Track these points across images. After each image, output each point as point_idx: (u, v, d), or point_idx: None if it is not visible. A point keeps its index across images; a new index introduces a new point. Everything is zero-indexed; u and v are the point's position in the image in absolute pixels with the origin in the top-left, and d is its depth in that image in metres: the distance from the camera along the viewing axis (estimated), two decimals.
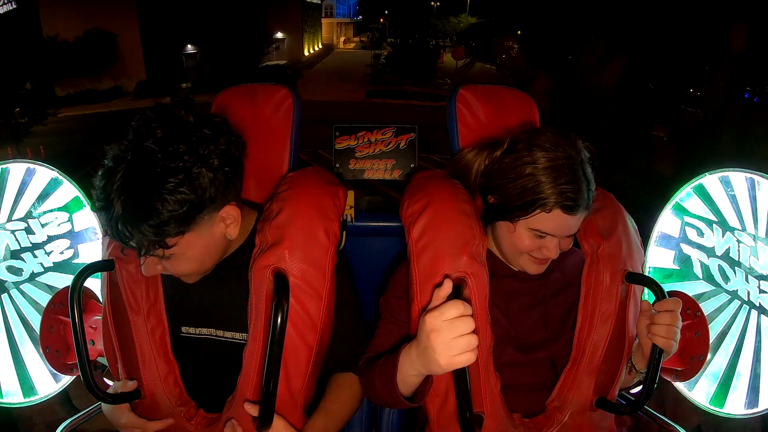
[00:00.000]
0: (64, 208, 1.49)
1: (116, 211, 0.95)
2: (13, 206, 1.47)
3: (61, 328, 1.35)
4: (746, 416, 1.38)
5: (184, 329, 1.20)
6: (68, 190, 1.49)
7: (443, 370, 0.96)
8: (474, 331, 0.94)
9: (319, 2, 41.71)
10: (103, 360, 1.28)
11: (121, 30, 21.60)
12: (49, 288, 1.48)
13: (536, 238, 1.13)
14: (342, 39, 47.95)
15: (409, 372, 1.05)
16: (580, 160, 1.10)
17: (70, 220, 1.49)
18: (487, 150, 1.21)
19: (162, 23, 21.84)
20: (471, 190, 1.24)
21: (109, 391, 1.17)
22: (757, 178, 1.37)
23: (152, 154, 0.96)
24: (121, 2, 22.12)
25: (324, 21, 43.91)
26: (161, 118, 1.00)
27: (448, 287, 0.98)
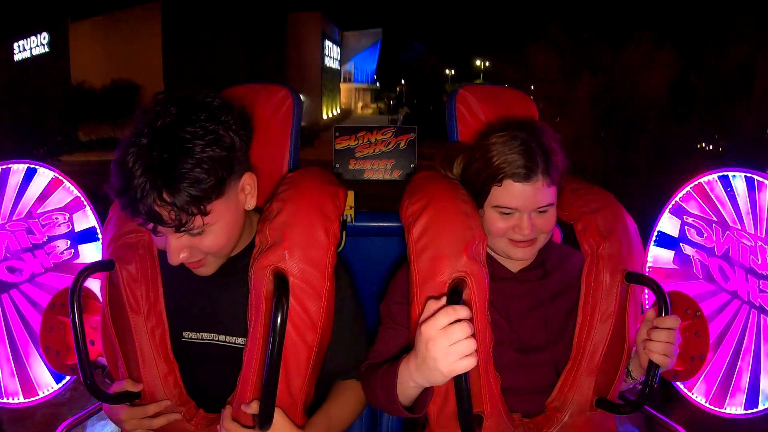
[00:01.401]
0: (65, 209, 1.49)
1: (149, 183, 0.95)
2: (13, 206, 1.47)
3: (61, 328, 1.35)
4: (746, 416, 1.38)
5: (185, 334, 1.19)
6: (68, 191, 1.49)
7: (445, 378, 0.96)
8: (471, 335, 0.94)
9: (339, 68, 42.00)
10: (104, 360, 1.28)
11: (146, 81, 22.52)
12: (49, 288, 1.48)
13: (504, 216, 1.16)
14: (360, 104, 47.79)
15: (408, 384, 1.05)
16: (532, 134, 1.13)
17: (70, 220, 1.49)
18: (461, 155, 1.27)
19: (186, 76, 22.89)
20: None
21: (113, 390, 1.17)
22: (757, 178, 1.37)
23: (173, 124, 0.97)
24: (149, 55, 23.61)
25: (343, 86, 44.05)
26: (171, 101, 1.01)
27: (441, 302, 0.99)
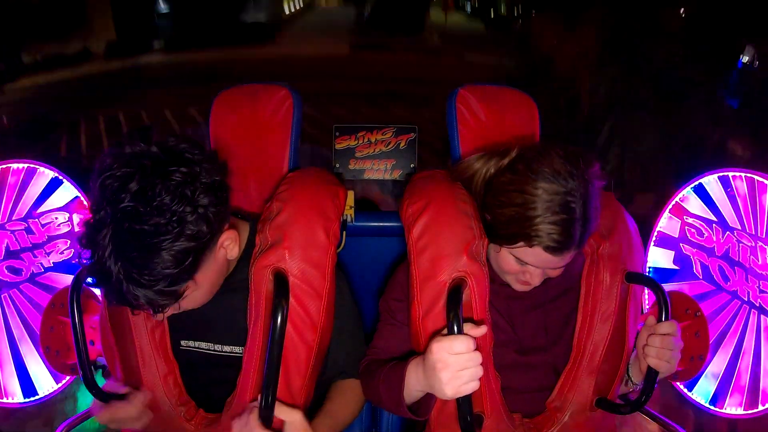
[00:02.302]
0: (64, 208, 1.49)
1: (118, 280, 0.91)
2: (13, 206, 1.47)
3: (61, 328, 1.35)
4: (746, 416, 1.38)
5: (183, 343, 1.19)
6: (68, 191, 1.49)
7: (449, 398, 0.99)
8: (480, 363, 0.96)
9: None
10: (104, 360, 1.28)
11: None
12: (49, 288, 1.48)
13: (519, 264, 1.10)
14: None
15: (415, 387, 1.06)
16: (581, 194, 1.02)
17: (70, 220, 1.50)
18: (496, 158, 1.15)
19: None
20: (474, 195, 1.20)
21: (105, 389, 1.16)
22: (757, 178, 1.37)
23: (134, 214, 0.89)
24: None
25: None
26: (129, 166, 0.91)
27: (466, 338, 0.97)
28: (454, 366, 0.95)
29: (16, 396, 1.47)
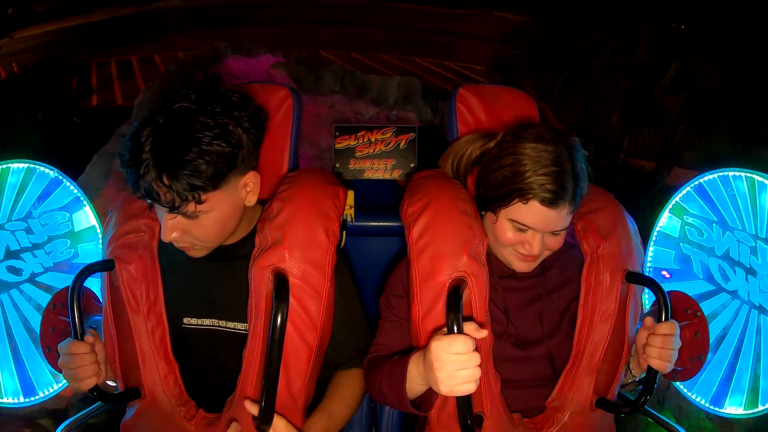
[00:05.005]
0: (64, 208, 1.49)
1: (153, 162, 0.99)
2: (13, 206, 1.48)
3: (61, 328, 1.35)
4: (746, 416, 1.39)
5: (186, 320, 1.19)
6: (68, 190, 1.50)
7: (444, 395, 1.00)
8: (479, 365, 0.96)
9: None
10: None
11: None
12: (49, 288, 1.48)
13: (517, 231, 1.12)
14: None
15: (416, 380, 1.06)
16: (568, 154, 1.09)
17: (70, 220, 1.50)
18: (482, 140, 1.22)
19: None
20: (461, 175, 1.25)
21: None
22: (757, 178, 1.37)
23: (188, 111, 1.02)
24: None
25: None
26: (193, 87, 1.06)
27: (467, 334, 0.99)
28: (452, 366, 0.95)
29: (16, 396, 1.47)
